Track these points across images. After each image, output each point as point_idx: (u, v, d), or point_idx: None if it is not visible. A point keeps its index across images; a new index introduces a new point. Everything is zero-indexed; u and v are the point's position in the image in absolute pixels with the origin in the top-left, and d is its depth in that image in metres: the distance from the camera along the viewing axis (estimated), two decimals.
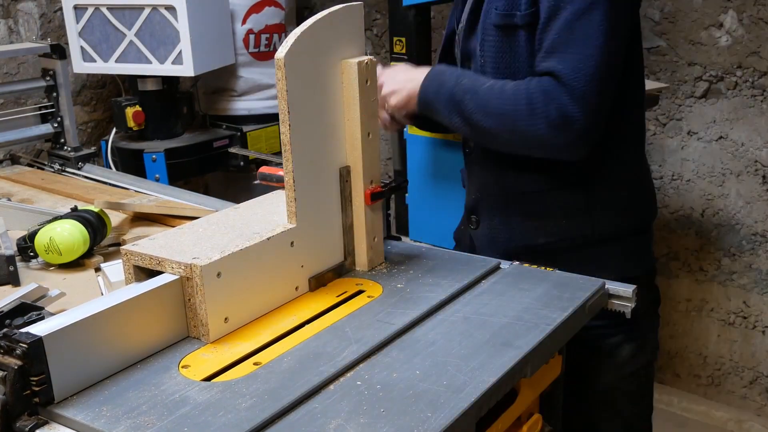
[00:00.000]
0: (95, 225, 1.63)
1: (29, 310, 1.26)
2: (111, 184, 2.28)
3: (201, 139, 2.93)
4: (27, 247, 1.60)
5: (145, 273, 1.18)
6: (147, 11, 2.61)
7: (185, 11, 2.55)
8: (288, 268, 1.27)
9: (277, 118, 1.24)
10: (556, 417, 1.40)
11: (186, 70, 2.65)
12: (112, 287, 1.43)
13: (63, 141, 2.52)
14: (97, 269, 1.60)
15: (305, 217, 1.28)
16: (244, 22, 2.97)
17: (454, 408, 0.97)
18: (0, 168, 2.44)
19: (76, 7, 2.66)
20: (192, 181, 3.21)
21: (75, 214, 1.64)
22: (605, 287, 1.31)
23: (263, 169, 1.51)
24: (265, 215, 1.34)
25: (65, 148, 2.51)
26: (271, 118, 3.07)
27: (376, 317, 1.21)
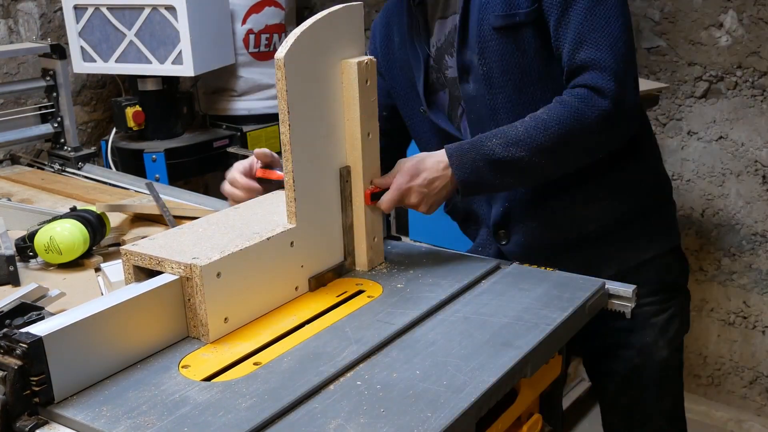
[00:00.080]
0: (95, 225, 1.63)
1: (29, 310, 1.26)
2: (111, 184, 2.28)
3: (201, 139, 2.93)
4: (26, 247, 1.60)
5: (145, 273, 1.18)
6: (147, 11, 2.61)
7: (185, 11, 2.55)
8: (288, 268, 1.27)
9: (277, 118, 1.24)
10: (556, 417, 1.40)
11: (186, 70, 2.65)
12: (112, 287, 1.43)
13: (63, 141, 2.51)
14: (97, 269, 1.60)
15: (305, 217, 1.28)
16: (244, 22, 2.97)
17: (454, 408, 0.96)
18: (0, 168, 2.44)
19: (76, 7, 2.66)
20: (192, 181, 3.21)
21: (75, 213, 1.64)
22: (605, 287, 1.31)
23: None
24: (265, 215, 1.34)
25: (65, 148, 2.51)
26: (271, 118, 3.07)
27: (376, 317, 1.21)
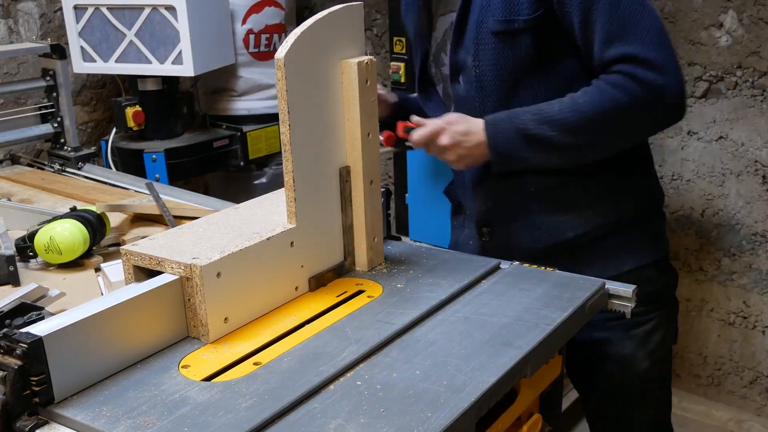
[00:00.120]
0: (95, 225, 1.63)
1: (29, 310, 1.26)
2: (111, 184, 2.28)
3: (201, 139, 2.93)
4: (26, 247, 1.60)
5: (145, 273, 1.18)
6: (147, 11, 2.61)
7: (185, 11, 2.55)
8: (288, 268, 1.27)
9: (277, 118, 1.24)
10: (556, 417, 1.40)
11: (186, 70, 2.65)
12: (112, 287, 1.43)
13: (63, 141, 2.52)
14: (97, 269, 1.60)
15: (305, 217, 1.28)
16: (244, 22, 2.97)
17: (454, 408, 0.97)
18: (0, 168, 2.44)
19: (76, 7, 2.66)
20: (192, 181, 3.22)
21: (75, 213, 1.64)
22: (605, 287, 1.31)
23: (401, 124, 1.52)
24: (265, 215, 1.34)
25: (65, 148, 2.51)
26: (271, 118, 3.07)
27: (376, 317, 1.21)
